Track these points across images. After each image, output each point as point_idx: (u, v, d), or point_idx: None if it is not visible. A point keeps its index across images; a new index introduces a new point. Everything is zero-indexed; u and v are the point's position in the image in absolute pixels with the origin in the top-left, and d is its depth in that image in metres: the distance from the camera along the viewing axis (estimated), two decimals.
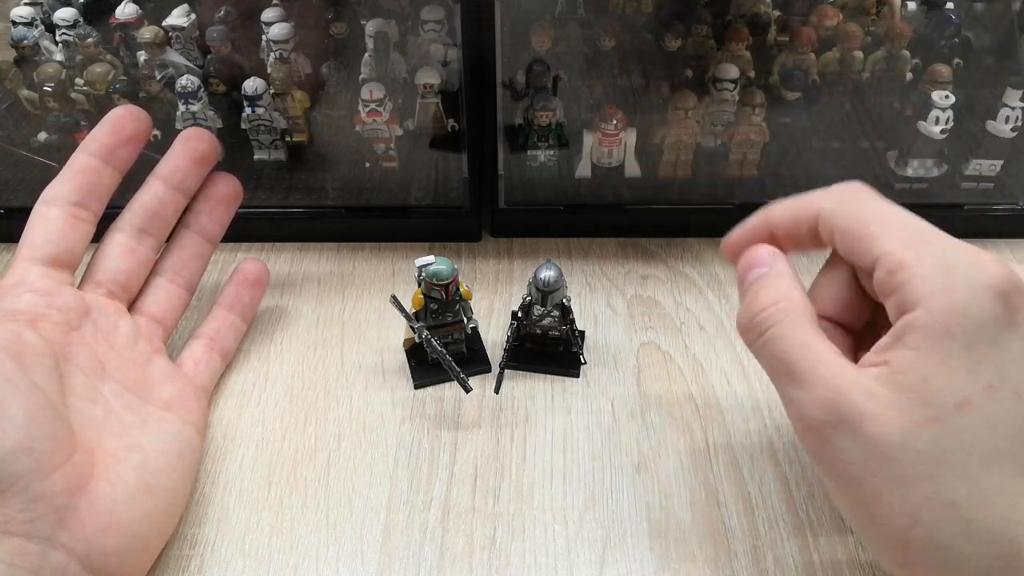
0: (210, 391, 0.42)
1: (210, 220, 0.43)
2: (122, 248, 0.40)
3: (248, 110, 0.50)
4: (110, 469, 0.33)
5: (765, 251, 0.33)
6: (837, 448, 0.28)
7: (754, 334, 0.31)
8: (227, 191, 0.44)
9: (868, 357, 0.29)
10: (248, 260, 0.45)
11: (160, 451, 0.35)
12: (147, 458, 0.34)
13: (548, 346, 0.44)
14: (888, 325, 0.29)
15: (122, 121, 0.40)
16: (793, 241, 0.33)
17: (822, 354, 0.29)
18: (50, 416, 0.31)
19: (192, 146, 0.42)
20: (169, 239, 0.43)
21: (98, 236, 0.40)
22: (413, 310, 0.42)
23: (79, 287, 0.39)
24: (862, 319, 0.33)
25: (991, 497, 0.26)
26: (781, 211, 0.33)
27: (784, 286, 0.31)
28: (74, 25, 0.50)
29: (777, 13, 0.52)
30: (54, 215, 0.38)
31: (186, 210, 0.43)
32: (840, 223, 0.30)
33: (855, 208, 0.31)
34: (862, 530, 0.30)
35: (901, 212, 0.30)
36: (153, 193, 0.41)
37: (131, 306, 0.41)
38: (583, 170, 0.52)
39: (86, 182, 0.39)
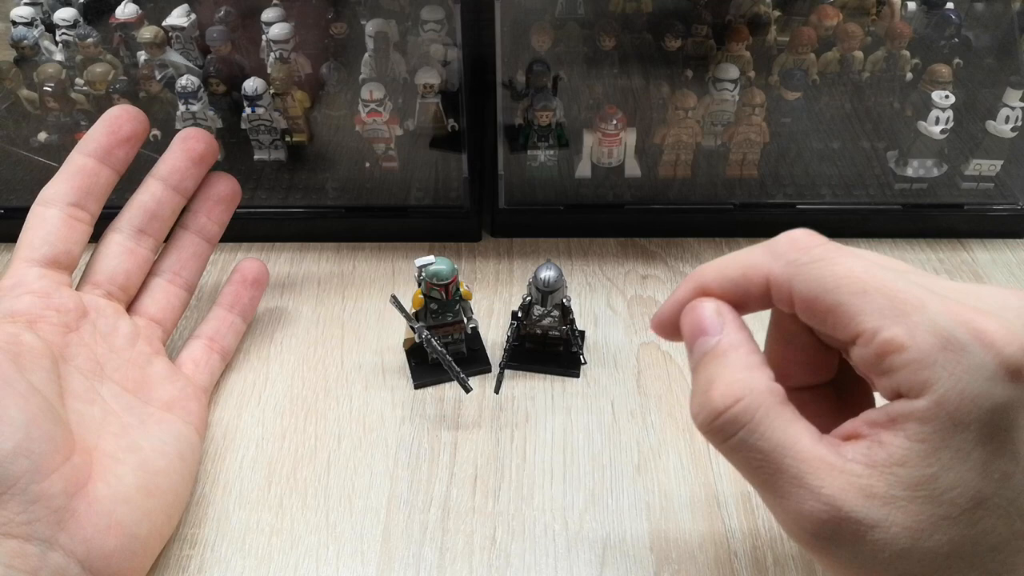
0: (210, 391, 0.42)
1: (209, 220, 0.43)
2: (120, 249, 0.40)
3: (248, 110, 0.50)
4: (109, 470, 0.33)
5: (709, 310, 0.28)
6: (835, 556, 0.25)
7: (718, 439, 0.26)
8: (226, 191, 0.44)
9: (854, 426, 0.25)
10: (247, 260, 0.45)
11: (160, 452, 0.35)
12: (147, 459, 0.34)
13: (548, 346, 0.44)
14: (856, 379, 0.27)
15: (119, 121, 0.40)
16: (737, 307, 0.28)
17: (804, 454, 0.25)
18: (49, 418, 0.31)
19: (190, 146, 0.42)
20: (168, 239, 0.43)
21: (96, 237, 0.40)
22: (413, 310, 0.42)
23: (77, 288, 0.39)
24: (830, 375, 0.30)
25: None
26: (717, 277, 0.28)
27: (740, 368, 0.26)
28: (74, 25, 0.50)
29: (777, 13, 0.52)
30: (52, 216, 0.38)
31: (184, 210, 0.43)
32: (801, 292, 0.26)
33: (816, 273, 0.26)
34: None
35: (873, 270, 0.25)
36: (151, 193, 0.41)
37: (130, 307, 0.41)
38: (583, 170, 0.52)
39: (83, 182, 0.39)
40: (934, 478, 0.24)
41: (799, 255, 0.26)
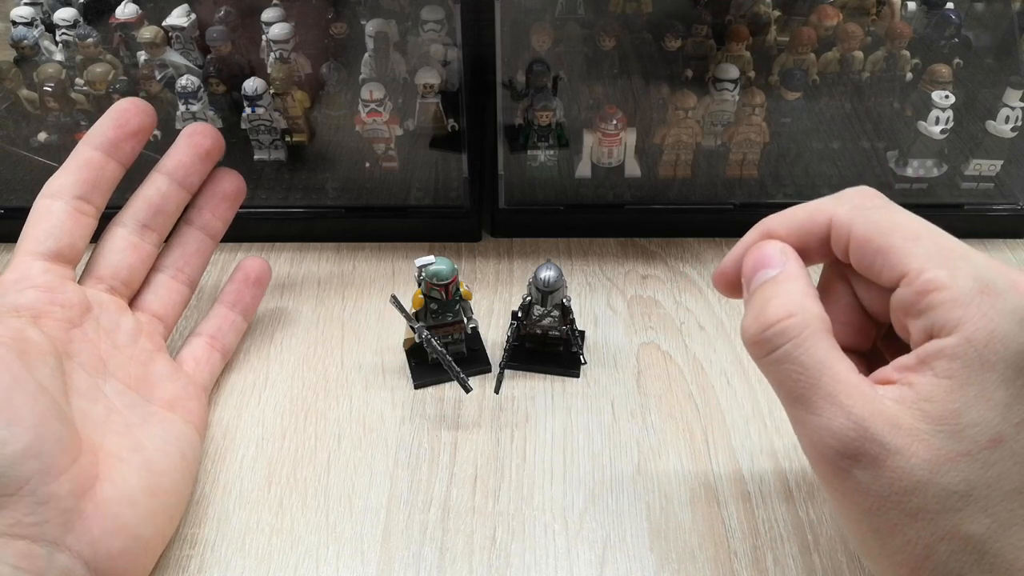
0: (210, 390, 0.42)
1: (213, 216, 0.43)
2: (124, 243, 0.40)
3: (248, 110, 0.50)
4: (114, 470, 0.32)
5: (774, 249, 0.30)
6: (854, 480, 0.26)
7: (764, 350, 0.28)
8: (230, 187, 0.43)
9: (885, 373, 0.27)
10: (250, 258, 0.45)
11: (162, 451, 0.35)
12: (150, 459, 0.34)
13: (548, 346, 0.44)
14: (892, 347, 0.28)
15: (127, 114, 0.40)
16: (800, 253, 0.30)
17: (841, 376, 0.26)
18: (57, 418, 0.31)
19: (196, 141, 0.42)
20: (171, 235, 0.42)
21: (98, 232, 0.40)
22: (413, 310, 0.42)
23: (79, 282, 0.39)
24: (869, 343, 0.31)
25: (1010, 528, 0.25)
26: (784, 222, 0.30)
27: (798, 293, 0.28)
28: (74, 25, 0.50)
29: (777, 13, 0.52)
30: (57, 209, 0.37)
31: (188, 206, 0.43)
32: (859, 232, 0.28)
33: (876, 217, 0.28)
34: (870, 559, 0.28)
35: (927, 225, 0.28)
36: (156, 188, 0.41)
37: (132, 302, 0.40)
38: (583, 170, 0.52)
39: (90, 176, 0.38)
40: (957, 413, 0.25)
41: (863, 201, 0.29)
